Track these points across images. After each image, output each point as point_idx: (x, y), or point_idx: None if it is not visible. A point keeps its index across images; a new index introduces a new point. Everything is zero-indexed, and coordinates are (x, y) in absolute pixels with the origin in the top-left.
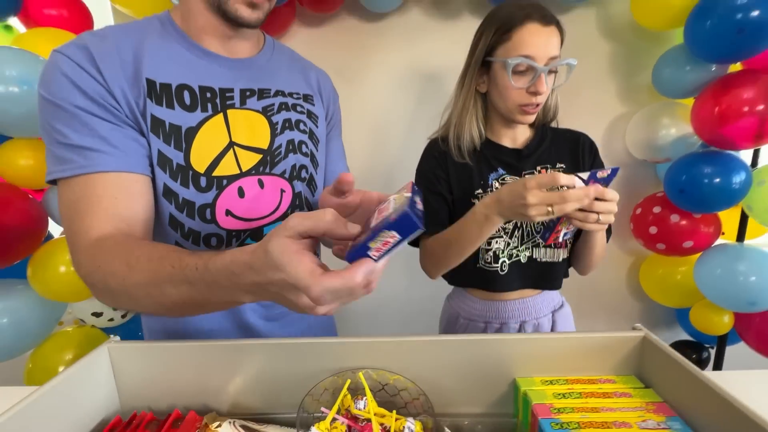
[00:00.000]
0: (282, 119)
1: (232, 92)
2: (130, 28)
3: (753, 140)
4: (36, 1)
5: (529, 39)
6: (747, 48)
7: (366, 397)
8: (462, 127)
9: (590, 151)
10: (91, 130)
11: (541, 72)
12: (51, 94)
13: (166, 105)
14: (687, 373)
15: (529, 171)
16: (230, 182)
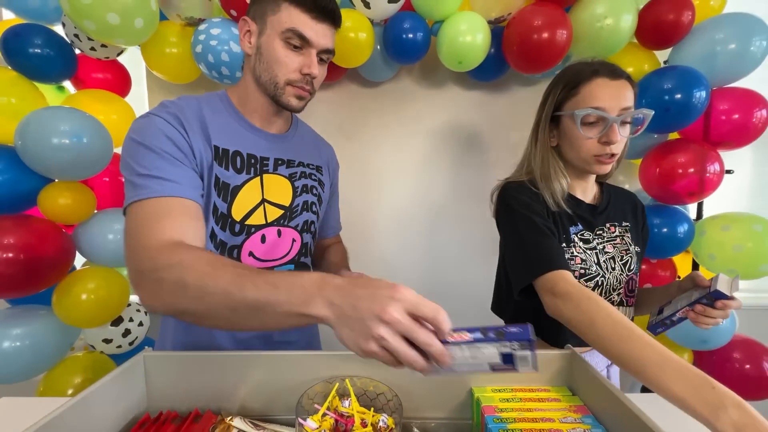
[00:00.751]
0: (301, 184)
1: (268, 160)
2: (200, 101)
3: (688, 197)
4: (87, 66)
5: (597, 91)
6: (674, 123)
7: (350, 398)
8: (549, 178)
9: (642, 213)
10: (170, 166)
11: (613, 122)
12: (144, 139)
13: (224, 167)
14: (598, 381)
15: (600, 227)
16: (257, 230)
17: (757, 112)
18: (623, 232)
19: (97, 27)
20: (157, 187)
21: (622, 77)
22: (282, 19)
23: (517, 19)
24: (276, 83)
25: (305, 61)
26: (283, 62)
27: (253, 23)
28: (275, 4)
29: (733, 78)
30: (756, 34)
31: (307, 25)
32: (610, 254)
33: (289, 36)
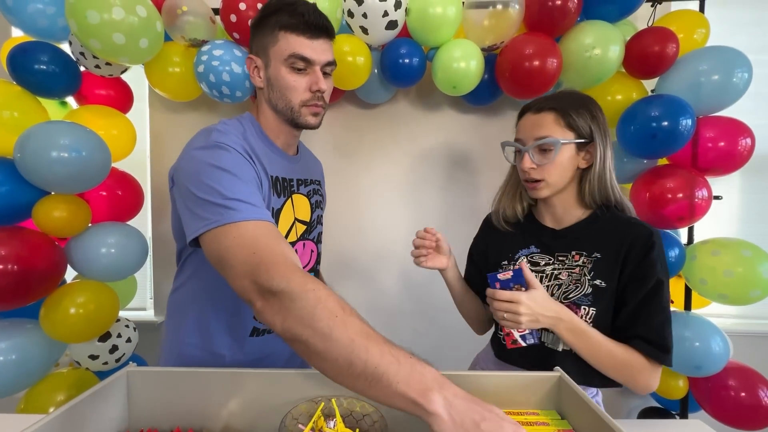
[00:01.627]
0: (315, 200)
1: (293, 181)
2: (244, 127)
3: (677, 222)
4: (90, 83)
5: (521, 126)
6: (662, 149)
7: (336, 419)
8: (503, 197)
9: (641, 249)
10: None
11: (524, 151)
12: (226, 165)
13: (273, 193)
14: (587, 406)
15: (563, 253)
16: (292, 246)
17: (742, 141)
18: (587, 262)
19: (103, 46)
20: (254, 211)
21: (543, 110)
22: (282, 47)
23: (510, 47)
24: (292, 108)
25: (312, 79)
26: (293, 87)
27: (258, 59)
28: (272, 36)
29: (717, 107)
30: (738, 66)
31: (305, 46)
32: (560, 281)
33: (292, 61)
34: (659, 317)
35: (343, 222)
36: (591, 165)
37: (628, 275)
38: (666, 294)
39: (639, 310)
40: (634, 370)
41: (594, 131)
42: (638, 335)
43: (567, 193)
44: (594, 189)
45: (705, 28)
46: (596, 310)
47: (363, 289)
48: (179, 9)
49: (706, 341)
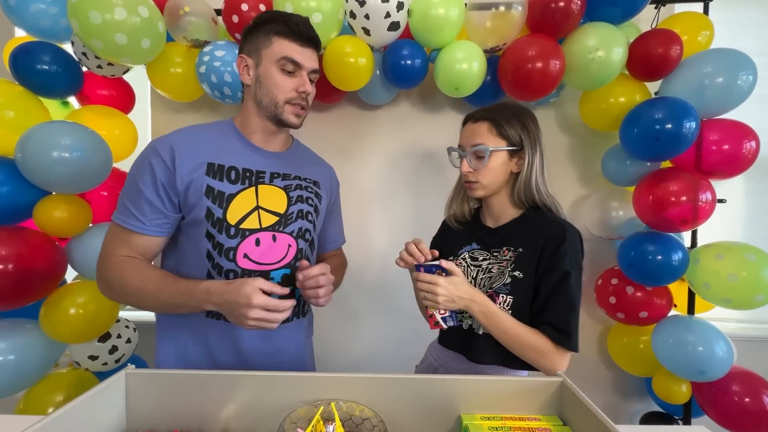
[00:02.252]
0: (296, 195)
1: (264, 174)
2: (207, 128)
3: (681, 225)
4: (92, 83)
5: (462, 133)
6: (665, 152)
7: (335, 423)
8: (454, 199)
9: (552, 244)
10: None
11: (463, 156)
12: (136, 171)
13: (218, 179)
14: (591, 413)
15: (496, 249)
16: (251, 233)
17: (747, 144)
18: (512, 256)
19: (105, 46)
20: (128, 221)
21: (479, 120)
22: (275, 50)
23: (512, 49)
24: (276, 103)
25: (299, 81)
26: (281, 85)
27: (249, 58)
28: (267, 39)
29: (721, 110)
30: (742, 68)
31: (297, 51)
32: (491, 274)
33: (283, 63)
34: (564, 305)
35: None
36: (521, 170)
37: (542, 267)
38: (573, 285)
39: (548, 299)
40: (540, 353)
41: (524, 140)
42: (546, 321)
43: (502, 194)
44: (521, 191)
45: (709, 30)
46: (513, 299)
47: (366, 293)
48: (181, 9)
49: (710, 346)
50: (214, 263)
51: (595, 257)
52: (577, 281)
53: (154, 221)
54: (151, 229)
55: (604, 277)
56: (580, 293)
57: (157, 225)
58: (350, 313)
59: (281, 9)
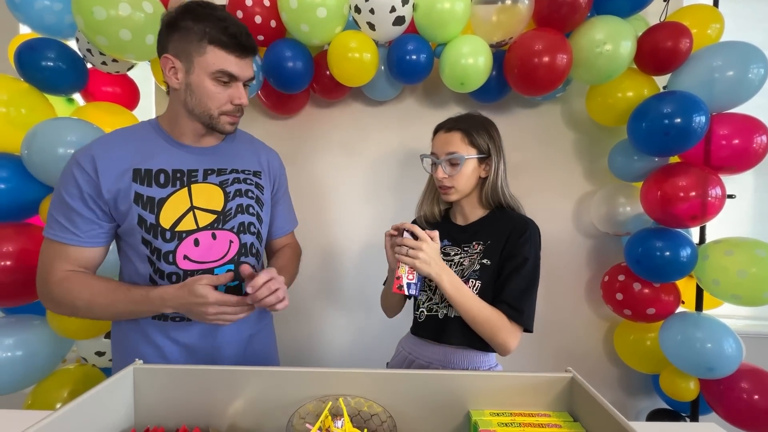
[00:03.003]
0: (234, 189)
1: (196, 172)
2: (127, 132)
3: (690, 221)
4: (97, 80)
5: (435, 142)
6: (674, 147)
7: (343, 418)
8: (425, 201)
9: (515, 234)
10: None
11: (438, 163)
12: (62, 186)
13: (146, 184)
14: (602, 408)
15: (467, 244)
16: (188, 235)
17: (757, 138)
18: (483, 249)
19: (110, 43)
20: (62, 235)
21: (453, 130)
22: (209, 60)
23: (519, 43)
24: (210, 115)
25: (235, 93)
26: (215, 97)
27: (177, 60)
28: (200, 46)
29: (732, 104)
30: (753, 62)
31: (233, 64)
32: (463, 266)
33: (218, 75)
34: (520, 285)
35: (347, 218)
36: (488, 175)
37: (504, 254)
38: (530, 269)
39: (506, 280)
40: (496, 327)
41: (491, 148)
42: (502, 300)
43: (471, 196)
44: (488, 194)
45: (719, 23)
46: (481, 283)
47: (369, 286)
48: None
49: (719, 343)
50: (155, 267)
51: (601, 253)
52: (535, 267)
53: (88, 233)
54: (87, 241)
55: (611, 274)
56: (537, 279)
57: (92, 236)
58: (352, 306)
59: (285, 6)
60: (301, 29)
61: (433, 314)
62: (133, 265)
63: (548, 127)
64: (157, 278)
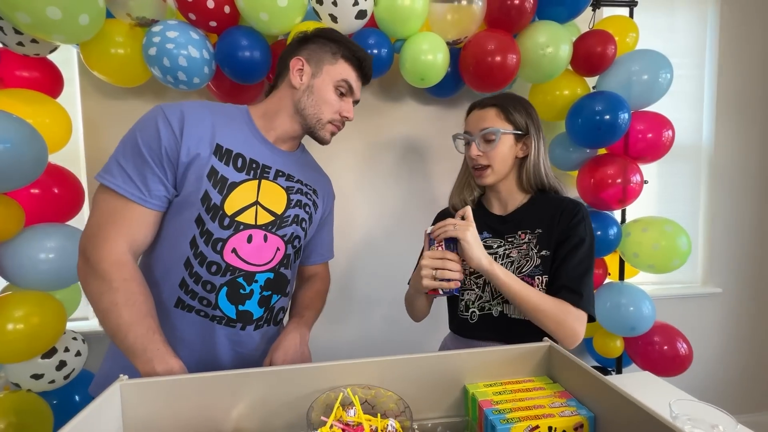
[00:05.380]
0: (296, 198)
1: (270, 169)
2: (220, 107)
3: (617, 204)
4: (9, 63)
5: (468, 120)
6: (604, 140)
7: (355, 407)
8: (456, 189)
9: (567, 216)
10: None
11: (470, 140)
12: (139, 131)
13: (224, 162)
14: (577, 367)
15: (510, 235)
16: (245, 229)
17: (665, 132)
18: (532, 238)
19: (34, 21)
20: (127, 188)
21: (487, 106)
22: (339, 70)
23: (473, 42)
24: (320, 119)
25: (345, 106)
26: (332, 104)
27: (307, 64)
28: (333, 57)
29: (646, 103)
30: (662, 68)
31: (354, 80)
32: (512, 258)
33: (341, 84)
34: (578, 269)
35: None
36: (527, 155)
37: (559, 238)
38: (587, 251)
39: (563, 263)
40: (562, 315)
41: (529, 125)
42: (562, 284)
43: (509, 180)
44: (530, 175)
45: (635, 33)
46: (548, 278)
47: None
48: None
49: (638, 306)
50: (197, 251)
51: None
52: (591, 248)
53: (156, 192)
54: (153, 202)
55: None
56: (593, 260)
57: (158, 198)
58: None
59: None
60: (260, 17)
61: (486, 313)
62: (171, 244)
63: None
64: (196, 263)
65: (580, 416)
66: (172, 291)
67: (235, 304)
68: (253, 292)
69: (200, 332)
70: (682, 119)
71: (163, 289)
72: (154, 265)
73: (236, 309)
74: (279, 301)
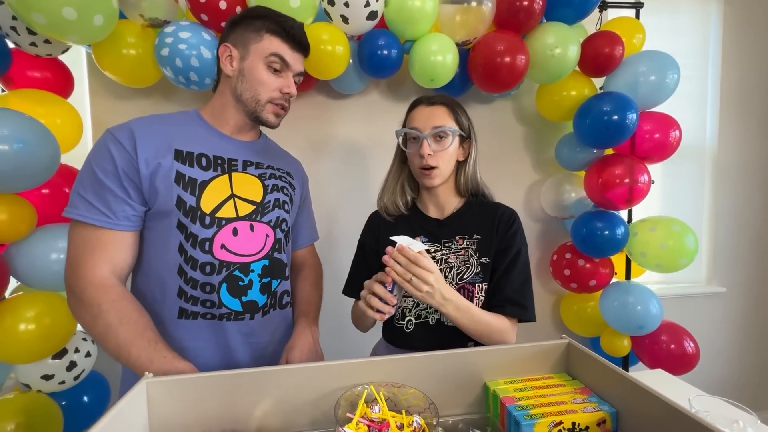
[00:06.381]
0: (272, 183)
1: (236, 161)
2: (168, 117)
3: (625, 204)
4: (20, 63)
5: (415, 116)
6: (612, 140)
7: (380, 404)
8: (387, 191)
9: (504, 225)
10: (110, 197)
11: (423, 138)
12: (93, 159)
13: (188, 165)
14: (598, 363)
15: (448, 240)
16: (228, 223)
17: (673, 132)
18: (470, 244)
19: (49, 21)
20: (91, 216)
21: (436, 104)
22: (265, 46)
23: (482, 43)
24: (258, 100)
25: (285, 82)
26: (266, 83)
27: (234, 49)
28: (257, 34)
29: (653, 104)
30: (669, 69)
31: (286, 51)
32: (450, 264)
33: (272, 60)
34: (519, 279)
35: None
36: (465, 158)
37: (495, 247)
38: (525, 259)
39: (504, 276)
40: (503, 332)
41: (470, 129)
42: (506, 298)
43: (448, 183)
44: (468, 179)
45: (642, 34)
46: (487, 284)
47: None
48: None
49: (646, 305)
50: (188, 257)
51: (548, 235)
52: (526, 255)
53: (121, 213)
54: (120, 223)
55: (559, 252)
56: (529, 266)
57: (126, 218)
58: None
59: None
60: None
61: (422, 321)
62: (159, 257)
63: (501, 121)
64: (188, 268)
65: (602, 412)
66: (173, 303)
67: (237, 297)
68: (253, 282)
69: (211, 336)
70: (686, 119)
71: (164, 305)
72: (148, 283)
73: (240, 301)
74: (280, 285)
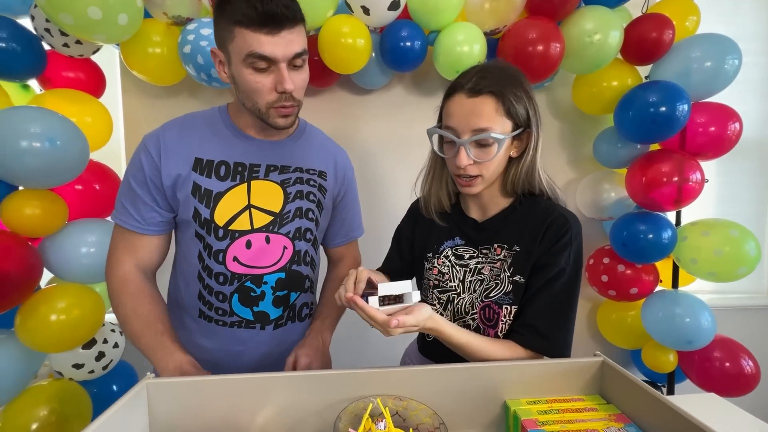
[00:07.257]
0: (295, 190)
1: (258, 167)
2: (199, 117)
3: (673, 204)
4: (56, 64)
5: (452, 109)
6: (659, 134)
7: (385, 419)
8: (430, 187)
9: (551, 237)
10: (140, 204)
11: (460, 145)
12: (128, 170)
13: (205, 175)
14: (638, 388)
15: (485, 246)
16: (241, 236)
17: (731, 125)
18: (507, 257)
19: (76, 21)
20: (126, 220)
21: (480, 94)
22: (239, 45)
23: (513, 31)
24: (258, 109)
25: (276, 78)
26: (256, 89)
27: (220, 53)
28: (229, 31)
29: (708, 93)
30: (729, 53)
31: (264, 43)
32: (483, 276)
33: (251, 61)
34: (552, 305)
35: None
36: (522, 153)
37: (534, 263)
38: (568, 284)
39: (534, 297)
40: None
41: (530, 116)
42: (527, 322)
43: (494, 184)
44: (520, 178)
45: (696, 16)
46: (517, 309)
47: None
48: None
49: (696, 317)
50: (204, 265)
51: (586, 238)
52: (572, 281)
53: (150, 220)
54: (150, 228)
55: (596, 257)
56: (575, 297)
57: (154, 224)
58: None
59: None
60: None
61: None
62: (185, 259)
63: None
64: (206, 276)
65: None
66: (194, 304)
67: (248, 306)
68: (265, 294)
69: (224, 339)
70: (747, 111)
71: (189, 303)
72: (177, 280)
73: (251, 310)
74: (300, 298)
